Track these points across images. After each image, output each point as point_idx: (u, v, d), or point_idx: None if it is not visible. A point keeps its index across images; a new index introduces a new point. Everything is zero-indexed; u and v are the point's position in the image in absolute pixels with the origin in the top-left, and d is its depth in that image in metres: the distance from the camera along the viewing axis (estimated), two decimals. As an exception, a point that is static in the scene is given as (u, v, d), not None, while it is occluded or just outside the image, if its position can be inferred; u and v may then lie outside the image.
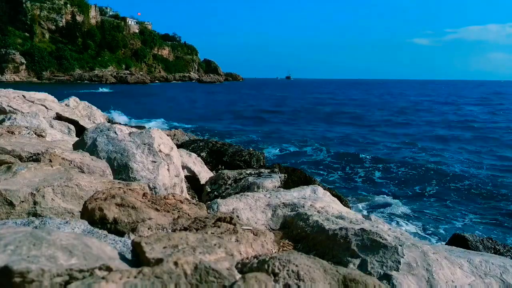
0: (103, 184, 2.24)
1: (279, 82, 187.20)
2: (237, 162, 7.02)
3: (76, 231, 1.51)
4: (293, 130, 21.80)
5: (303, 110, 35.12)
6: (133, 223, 1.70)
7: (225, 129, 21.34)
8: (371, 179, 11.67)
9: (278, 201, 3.18)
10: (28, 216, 1.89)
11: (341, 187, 10.48)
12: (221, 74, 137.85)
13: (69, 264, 0.98)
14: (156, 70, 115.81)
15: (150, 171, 3.57)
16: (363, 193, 10.21)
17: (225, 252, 1.23)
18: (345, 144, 17.72)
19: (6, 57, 76.28)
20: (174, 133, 9.49)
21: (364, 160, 14.04)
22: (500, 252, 4.37)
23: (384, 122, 26.28)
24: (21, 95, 6.93)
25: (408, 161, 14.09)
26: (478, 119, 28.36)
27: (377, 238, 2.19)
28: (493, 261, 2.26)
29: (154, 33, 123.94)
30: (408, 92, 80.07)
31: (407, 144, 17.76)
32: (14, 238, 1.04)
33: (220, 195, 4.72)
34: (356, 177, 11.88)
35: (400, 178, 11.85)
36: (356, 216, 3.20)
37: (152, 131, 4.00)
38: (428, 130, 22.25)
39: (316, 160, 14.29)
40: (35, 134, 3.87)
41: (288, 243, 2.62)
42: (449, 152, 16.03)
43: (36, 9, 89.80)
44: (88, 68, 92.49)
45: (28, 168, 2.23)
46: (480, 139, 19.52)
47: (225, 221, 1.66)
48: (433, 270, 2.03)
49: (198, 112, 30.76)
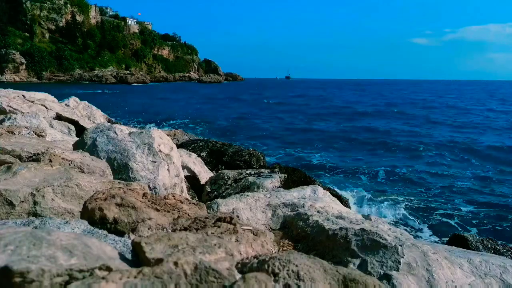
0: (103, 184, 2.24)
1: (278, 82, 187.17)
2: (237, 162, 7.02)
3: (76, 231, 1.51)
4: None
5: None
6: (133, 223, 1.70)
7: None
8: (372, 179, 11.67)
9: (278, 201, 3.19)
10: (28, 216, 1.89)
11: (341, 187, 10.49)
12: (221, 74, 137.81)
13: (69, 264, 0.98)
14: (156, 70, 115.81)
15: (150, 171, 3.57)
16: (364, 193, 10.22)
17: (225, 252, 1.23)
18: (343, 143, 17.72)
19: (6, 57, 76.30)
20: (174, 133, 9.50)
21: (364, 160, 14.06)
22: (500, 252, 4.37)
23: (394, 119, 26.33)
24: (21, 95, 6.93)
25: (408, 161, 14.10)
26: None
27: (377, 238, 2.19)
28: (493, 261, 2.26)
29: (154, 33, 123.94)
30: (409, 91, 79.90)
31: (410, 143, 17.76)
32: (14, 238, 1.04)
33: (220, 195, 4.72)
34: (357, 177, 11.88)
35: (401, 178, 11.85)
36: (356, 216, 3.20)
37: (152, 131, 4.00)
38: (428, 131, 22.20)
39: (316, 160, 14.29)
40: (35, 134, 3.87)
41: (288, 243, 2.62)
42: (448, 152, 16.04)
43: (36, 9, 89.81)
44: (88, 68, 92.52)
45: (28, 168, 2.23)
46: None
47: (225, 221, 1.66)
48: (433, 270, 2.03)
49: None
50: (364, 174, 12.16)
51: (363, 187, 10.82)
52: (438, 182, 11.44)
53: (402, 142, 18.11)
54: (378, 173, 12.26)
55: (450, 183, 11.29)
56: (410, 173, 12.30)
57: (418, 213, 8.80)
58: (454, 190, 10.69)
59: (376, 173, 12.32)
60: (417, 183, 11.31)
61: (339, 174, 12.32)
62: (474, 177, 12.01)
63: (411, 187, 10.94)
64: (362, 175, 12.05)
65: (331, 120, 27.19)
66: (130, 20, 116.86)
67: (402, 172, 12.40)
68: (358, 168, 12.84)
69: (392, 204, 9.20)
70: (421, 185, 11.12)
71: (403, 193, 10.33)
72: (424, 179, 11.69)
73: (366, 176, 11.94)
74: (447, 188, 10.83)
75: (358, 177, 11.83)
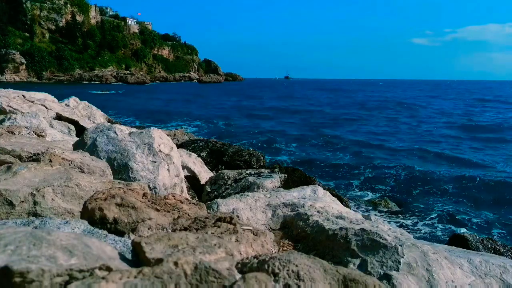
0: (103, 184, 2.24)
1: (278, 82, 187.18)
2: (237, 162, 7.02)
3: (76, 231, 1.51)
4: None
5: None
6: (133, 223, 1.70)
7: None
8: (372, 179, 11.66)
9: (278, 201, 3.19)
10: (28, 216, 1.89)
11: (341, 187, 10.49)
12: (221, 74, 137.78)
13: (69, 264, 0.98)
14: (156, 70, 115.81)
15: (150, 171, 3.57)
16: (364, 193, 10.22)
17: (225, 252, 1.23)
18: (343, 143, 17.72)
19: (6, 57, 76.32)
20: (174, 133, 9.49)
21: (365, 160, 14.06)
22: (500, 252, 4.37)
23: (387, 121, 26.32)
24: (21, 95, 6.93)
25: (409, 162, 14.10)
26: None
27: (377, 238, 2.19)
28: (493, 261, 2.26)
29: (154, 33, 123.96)
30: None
31: (409, 144, 17.76)
32: (14, 238, 1.04)
33: (220, 195, 4.72)
34: (357, 177, 11.88)
35: (401, 178, 11.84)
36: (356, 216, 3.20)
37: (152, 131, 3.99)
38: (429, 132, 22.17)
39: (317, 160, 14.29)
40: (35, 134, 3.87)
41: (288, 243, 2.62)
42: (450, 152, 16.04)
43: (36, 9, 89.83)
44: (88, 68, 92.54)
45: (28, 168, 2.23)
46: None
47: (225, 221, 1.66)
48: (433, 270, 2.03)
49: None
50: (364, 174, 12.17)
51: (363, 187, 10.83)
52: (438, 182, 11.44)
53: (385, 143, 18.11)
54: (378, 173, 12.27)
55: (451, 184, 11.29)
56: (410, 173, 12.29)
57: (418, 213, 8.80)
58: (455, 190, 10.69)
59: (376, 173, 12.33)
60: (417, 183, 11.30)
61: (338, 174, 12.33)
62: (475, 177, 12.00)
63: (411, 187, 10.94)
64: (363, 175, 12.05)
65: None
66: (130, 20, 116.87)
67: (402, 172, 12.40)
68: (358, 168, 12.85)
69: (392, 204, 9.20)
70: (421, 185, 11.12)
71: (403, 193, 10.34)
72: (425, 180, 11.68)
73: (366, 176, 11.94)
74: (448, 188, 10.83)
75: (358, 177, 11.84)
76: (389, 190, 10.65)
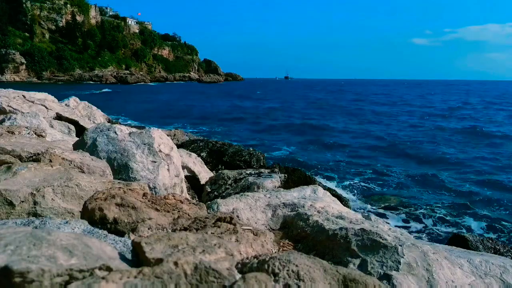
0: (103, 184, 2.24)
1: (277, 82, 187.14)
2: (237, 162, 7.02)
3: (76, 231, 1.51)
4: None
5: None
6: (133, 223, 1.70)
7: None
8: (372, 179, 11.66)
9: (278, 201, 3.18)
10: (28, 216, 1.89)
11: (341, 187, 10.48)
12: (221, 74, 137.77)
13: (69, 264, 0.98)
14: (156, 70, 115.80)
15: (150, 171, 3.57)
16: (364, 193, 10.22)
17: (225, 252, 1.23)
18: (343, 143, 17.72)
19: (6, 57, 76.30)
20: (174, 133, 9.50)
21: (365, 160, 14.06)
22: (500, 252, 4.37)
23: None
24: (21, 95, 6.93)
25: (409, 162, 14.10)
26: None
27: (377, 238, 2.19)
28: (493, 261, 2.26)
29: (154, 33, 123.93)
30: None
31: (409, 145, 17.76)
32: (14, 238, 1.04)
33: (220, 195, 4.72)
34: (357, 177, 11.88)
35: (402, 178, 11.85)
36: (356, 216, 3.20)
37: (152, 131, 4.00)
38: (433, 133, 22.13)
39: (317, 160, 14.29)
40: (35, 134, 3.87)
41: (288, 243, 2.62)
42: (449, 153, 16.04)
43: (36, 9, 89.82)
44: (88, 68, 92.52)
45: (28, 168, 2.23)
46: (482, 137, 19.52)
47: (225, 221, 1.66)
48: (433, 270, 2.03)
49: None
50: (364, 174, 12.16)
51: (364, 187, 10.82)
52: (438, 182, 11.44)
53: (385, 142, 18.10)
54: (378, 174, 12.27)
55: (451, 184, 11.29)
56: (410, 174, 12.29)
57: (418, 213, 8.80)
58: (455, 190, 10.69)
59: (376, 173, 12.33)
60: (417, 183, 11.30)
61: (339, 174, 12.32)
62: (474, 177, 12.00)
63: (411, 187, 10.94)
64: (363, 175, 12.05)
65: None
66: (130, 20, 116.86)
67: (402, 172, 12.40)
68: (359, 168, 12.85)
69: (392, 204, 9.20)
70: (421, 185, 11.12)
71: (403, 193, 10.34)
72: (425, 180, 11.68)
73: (366, 176, 11.94)
74: (447, 189, 10.83)
75: (358, 177, 11.84)
76: (389, 190, 10.65)
